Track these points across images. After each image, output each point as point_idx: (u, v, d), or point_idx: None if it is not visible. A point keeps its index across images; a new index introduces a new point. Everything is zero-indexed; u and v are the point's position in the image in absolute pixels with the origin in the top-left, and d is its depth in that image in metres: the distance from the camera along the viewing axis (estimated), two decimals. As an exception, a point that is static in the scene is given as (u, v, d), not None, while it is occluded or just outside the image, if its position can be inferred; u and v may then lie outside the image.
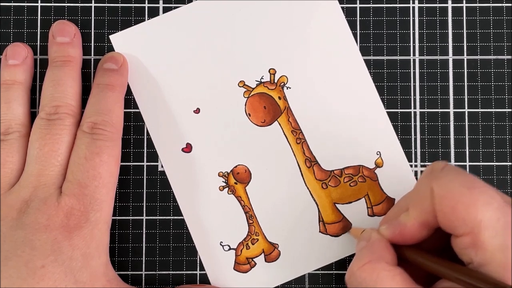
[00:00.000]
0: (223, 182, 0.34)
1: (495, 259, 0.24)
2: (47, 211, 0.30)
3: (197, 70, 0.35)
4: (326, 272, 0.34)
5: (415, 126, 0.35)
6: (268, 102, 0.35)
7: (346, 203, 0.34)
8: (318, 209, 0.34)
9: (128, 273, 0.34)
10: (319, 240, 0.34)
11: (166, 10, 0.35)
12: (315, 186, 0.34)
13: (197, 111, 0.35)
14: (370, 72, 0.35)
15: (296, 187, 0.34)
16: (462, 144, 0.35)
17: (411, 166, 0.34)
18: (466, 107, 0.35)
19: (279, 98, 0.35)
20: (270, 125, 0.35)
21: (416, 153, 0.34)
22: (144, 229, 0.34)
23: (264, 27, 0.35)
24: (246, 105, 0.35)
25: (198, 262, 0.34)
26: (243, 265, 0.34)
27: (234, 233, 0.34)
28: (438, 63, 0.35)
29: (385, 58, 0.35)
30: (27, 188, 0.31)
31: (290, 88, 0.35)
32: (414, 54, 0.35)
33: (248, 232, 0.34)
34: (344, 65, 0.35)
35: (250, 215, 0.34)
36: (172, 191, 0.34)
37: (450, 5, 0.35)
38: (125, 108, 0.34)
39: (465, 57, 0.35)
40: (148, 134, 0.35)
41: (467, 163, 0.34)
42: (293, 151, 0.34)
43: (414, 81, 0.35)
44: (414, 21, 0.35)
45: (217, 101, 0.35)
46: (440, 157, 0.34)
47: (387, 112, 0.35)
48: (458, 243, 0.26)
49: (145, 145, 0.35)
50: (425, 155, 0.34)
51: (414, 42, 0.35)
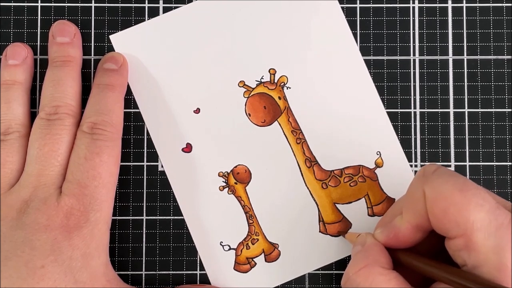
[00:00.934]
0: (223, 182, 0.34)
1: (489, 261, 0.24)
2: (47, 211, 0.30)
3: (197, 70, 0.35)
4: (326, 272, 0.34)
5: (415, 126, 0.35)
6: (268, 102, 0.35)
7: (346, 203, 0.34)
8: (318, 209, 0.34)
9: (128, 273, 0.34)
10: (319, 240, 0.34)
11: (166, 10, 0.35)
12: (315, 186, 0.34)
13: (197, 111, 0.35)
14: (370, 72, 0.35)
15: (296, 187, 0.34)
16: (462, 144, 0.35)
17: (411, 166, 0.34)
18: (466, 107, 0.35)
19: (279, 98, 0.35)
20: (270, 125, 0.35)
21: (416, 153, 0.34)
22: (144, 229, 0.34)
23: (264, 27, 0.35)
24: (246, 105, 0.35)
25: (198, 262, 0.34)
26: (243, 265, 0.34)
27: (234, 233, 0.34)
28: (438, 63, 0.35)
29: (385, 58, 0.35)
30: (27, 188, 0.31)
31: (290, 88, 0.35)
32: (414, 54, 0.35)
33: (248, 232, 0.34)
34: (344, 65, 0.35)
35: (250, 215, 0.34)
36: (172, 191, 0.34)
37: (450, 5, 0.35)
38: (125, 108, 0.34)
39: (465, 57, 0.35)
40: (148, 134, 0.35)
41: (467, 163, 0.34)
42: (293, 151, 0.34)
43: (414, 81, 0.35)
44: (414, 21, 0.35)
45: (217, 101, 0.35)
46: (440, 157, 0.34)
47: (387, 112, 0.35)
48: (452, 245, 0.26)
49: (145, 145, 0.35)
50: (425, 155, 0.34)
51: (414, 42, 0.35)
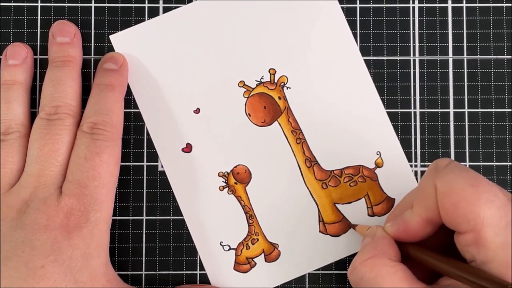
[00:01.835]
0: (223, 182, 0.34)
1: (497, 257, 0.24)
2: (47, 211, 0.30)
3: (197, 70, 0.35)
4: (326, 272, 0.34)
5: (415, 126, 0.35)
6: (268, 102, 0.35)
7: (346, 203, 0.34)
8: (318, 209, 0.34)
9: (128, 273, 0.34)
10: (319, 240, 0.34)
11: (166, 10, 0.35)
12: (315, 186, 0.34)
13: (197, 111, 0.35)
14: (370, 72, 0.35)
15: (296, 187, 0.34)
16: (462, 144, 0.35)
17: (411, 166, 0.34)
18: (466, 107, 0.35)
19: (279, 98, 0.35)
20: (270, 125, 0.35)
21: (416, 153, 0.34)
22: (144, 229, 0.34)
23: (264, 27, 0.35)
24: (246, 105, 0.35)
25: (198, 262, 0.34)
26: (243, 265, 0.34)
27: (234, 233, 0.34)
28: (438, 63, 0.35)
29: (385, 58, 0.35)
30: (27, 188, 0.31)
31: (290, 88, 0.35)
32: (414, 54, 0.35)
33: (248, 232, 0.34)
34: (344, 65, 0.35)
35: (250, 215, 0.34)
36: (172, 191, 0.34)
37: (450, 5, 0.35)
38: (125, 108, 0.34)
39: (465, 57, 0.35)
40: (148, 134, 0.35)
41: (467, 163, 0.34)
42: (293, 151, 0.34)
43: (414, 81, 0.35)
44: (414, 21, 0.35)
45: (217, 101, 0.35)
46: (440, 157, 0.34)
47: (387, 112, 0.35)
48: (461, 241, 0.26)
49: (145, 145, 0.35)
50: (425, 155, 0.34)
51: (414, 42, 0.35)
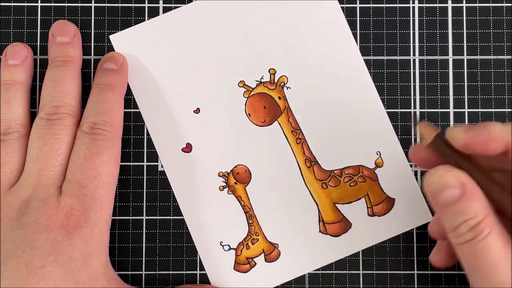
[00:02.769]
0: (223, 182, 0.34)
1: None
2: (47, 211, 0.30)
3: (197, 70, 0.35)
4: (326, 272, 0.34)
5: (415, 126, 0.35)
6: (268, 102, 0.35)
7: (346, 203, 0.34)
8: (318, 209, 0.34)
9: (128, 273, 0.34)
10: (319, 240, 0.34)
11: (166, 10, 0.35)
12: (315, 186, 0.34)
13: (197, 111, 0.35)
14: (370, 72, 0.35)
15: (296, 187, 0.34)
16: (462, 144, 0.35)
17: (411, 166, 0.34)
18: (466, 107, 0.35)
19: (279, 98, 0.35)
20: (270, 125, 0.35)
21: (416, 153, 0.34)
22: (144, 229, 0.34)
23: (264, 27, 0.35)
24: (246, 105, 0.35)
25: (198, 262, 0.34)
26: (243, 265, 0.34)
27: (234, 233, 0.34)
28: (438, 63, 0.35)
29: (385, 58, 0.35)
30: (27, 188, 0.31)
31: (290, 88, 0.35)
32: (414, 54, 0.35)
33: (248, 232, 0.34)
34: (344, 65, 0.35)
35: (250, 215, 0.34)
36: (172, 191, 0.34)
37: (450, 5, 0.35)
38: (125, 108, 0.34)
39: (465, 57, 0.35)
40: (148, 134, 0.35)
41: (467, 163, 0.34)
42: (293, 151, 0.34)
43: (414, 81, 0.35)
44: (414, 21, 0.35)
45: (217, 101, 0.35)
46: (440, 157, 0.34)
47: (387, 112, 0.35)
48: None
49: (145, 145, 0.35)
50: (425, 155, 0.34)
51: (414, 42, 0.35)
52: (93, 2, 0.35)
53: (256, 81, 0.35)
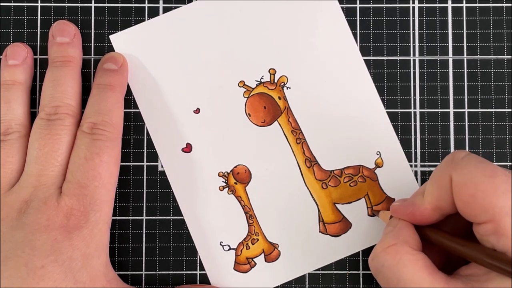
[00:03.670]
0: (223, 182, 0.34)
1: None
2: (47, 211, 0.30)
3: (197, 70, 0.35)
4: (326, 272, 0.34)
5: (415, 126, 0.35)
6: (268, 102, 0.35)
7: (346, 203, 0.34)
8: (318, 209, 0.34)
9: (128, 273, 0.34)
10: (319, 240, 0.34)
11: (166, 10, 0.35)
12: (315, 186, 0.34)
13: (197, 111, 0.35)
14: (370, 72, 0.35)
15: (296, 187, 0.34)
16: (462, 144, 0.35)
17: (411, 166, 0.34)
18: (466, 107, 0.35)
19: (279, 98, 0.35)
20: (270, 125, 0.35)
21: (416, 153, 0.34)
22: (144, 229, 0.34)
23: (264, 27, 0.35)
24: (246, 105, 0.35)
25: (198, 262, 0.34)
26: (243, 265, 0.34)
27: (234, 233, 0.34)
28: (438, 63, 0.35)
29: (385, 58, 0.35)
30: (27, 188, 0.31)
31: (290, 88, 0.35)
32: (414, 54, 0.35)
33: (248, 232, 0.34)
34: (344, 65, 0.35)
35: (250, 215, 0.34)
36: (172, 191, 0.34)
37: (450, 5, 0.35)
38: (125, 108, 0.34)
39: (465, 57, 0.35)
40: (148, 134, 0.35)
41: (467, 163, 0.34)
42: (293, 151, 0.34)
43: (414, 81, 0.35)
44: (414, 21, 0.35)
45: (217, 101, 0.35)
46: (440, 157, 0.34)
47: (387, 112, 0.35)
48: (480, 230, 0.26)
49: (145, 145, 0.35)
50: (425, 155, 0.34)
51: (414, 42, 0.35)
52: (93, 2, 0.35)
53: (256, 81, 0.35)
